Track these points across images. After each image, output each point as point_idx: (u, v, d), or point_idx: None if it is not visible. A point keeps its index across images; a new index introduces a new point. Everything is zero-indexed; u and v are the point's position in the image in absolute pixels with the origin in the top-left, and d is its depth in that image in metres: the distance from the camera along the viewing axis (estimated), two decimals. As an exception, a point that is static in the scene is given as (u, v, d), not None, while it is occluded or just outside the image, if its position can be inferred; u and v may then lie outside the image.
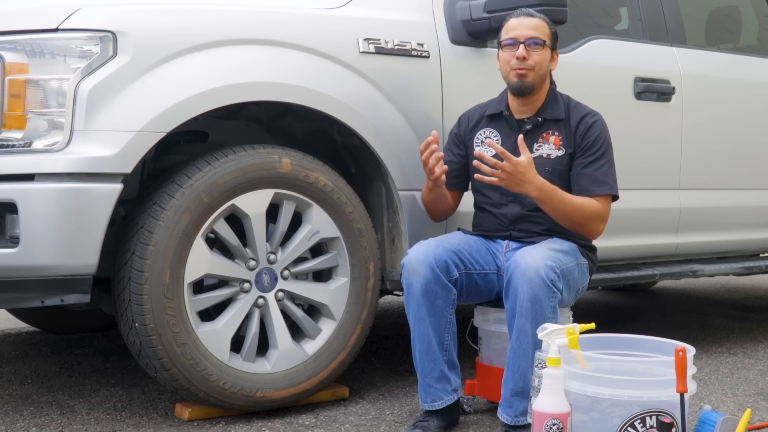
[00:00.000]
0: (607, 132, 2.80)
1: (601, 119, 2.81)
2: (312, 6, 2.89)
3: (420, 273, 2.59)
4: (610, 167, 2.77)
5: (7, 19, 2.51)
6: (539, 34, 2.74)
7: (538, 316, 2.47)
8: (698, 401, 2.99)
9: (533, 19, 2.76)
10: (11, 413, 2.84)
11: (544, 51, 2.74)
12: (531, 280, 2.48)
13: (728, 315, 4.90)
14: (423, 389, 2.67)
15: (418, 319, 2.62)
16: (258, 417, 2.78)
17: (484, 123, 2.87)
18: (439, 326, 2.63)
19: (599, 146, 2.76)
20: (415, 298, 2.61)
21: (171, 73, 2.53)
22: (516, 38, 2.73)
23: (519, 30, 2.74)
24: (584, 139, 2.76)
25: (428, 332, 2.62)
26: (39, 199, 2.37)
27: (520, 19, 2.77)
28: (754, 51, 4.17)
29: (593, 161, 2.75)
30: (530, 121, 2.80)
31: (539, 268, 2.48)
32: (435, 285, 2.60)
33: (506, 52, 2.76)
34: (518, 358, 2.52)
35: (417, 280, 2.59)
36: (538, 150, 2.78)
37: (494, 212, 2.82)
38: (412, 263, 2.61)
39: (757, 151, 3.92)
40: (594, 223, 2.73)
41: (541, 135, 2.80)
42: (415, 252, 2.63)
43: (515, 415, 2.54)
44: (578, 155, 2.77)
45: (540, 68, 2.74)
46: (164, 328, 2.55)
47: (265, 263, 2.75)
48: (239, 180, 2.64)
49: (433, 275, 2.59)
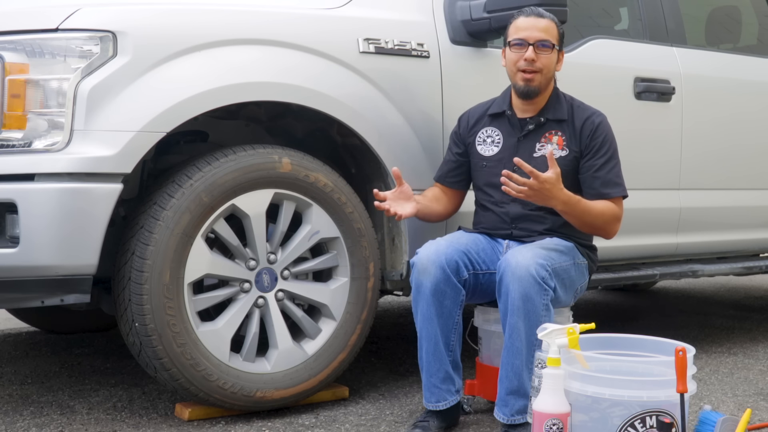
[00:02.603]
0: (612, 132, 2.81)
1: (606, 120, 2.81)
2: (312, 6, 2.89)
3: (431, 273, 2.58)
4: (618, 167, 2.79)
5: (7, 19, 2.51)
6: (548, 36, 2.73)
7: (531, 314, 2.47)
8: (698, 401, 2.99)
9: (543, 20, 2.75)
10: (11, 413, 2.84)
11: (552, 54, 2.74)
12: (521, 278, 2.48)
13: (728, 315, 4.90)
14: (428, 389, 2.66)
15: (426, 319, 2.62)
16: (258, 417, 2.78)
17: (486, 122, 2.87)
18: (446, 327, 2.63)
19: (608, 147, 2.76)
20: (424, 298, 2.60)
21: (171, 73, 2.53)
22: (525, 39, 2.72)
23: (529, 31, 2.73)
24: (592, 140, 2.76)
25: (436, 332, 2.62)
26: (39, 199, 2.37)
27: (530, 19, 2.75)
28: (754, 51, 4.17)
29: (605, 163, 2.75)
30: (533, 121, 2.80)
31: (529, 266, 2.49)
32: (445, 285, 2.60)
33: (514, 52, 2.75)
34: (512, 356, 2.52)
35: (427, 280, 2.59)
36: (540, 150, 2.78)
37: (496, 210, 2.82)
38: (423, 263, 2.60)
39: (757, 151, 3.92)
40: (612, 225, 2.76)
41: (544, 135, 2.79)
42: (425, 251, 2.62)
43: (511, 414, 2.54)
44: (587, 157, 2.76)
45: (548, 71, 2.74)
46: (164, 328, 2.55)
47: (265, 263, 2.74)
48: (239, 180, 2.64)
49: (443, 275, 2.59)
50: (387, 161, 2.88)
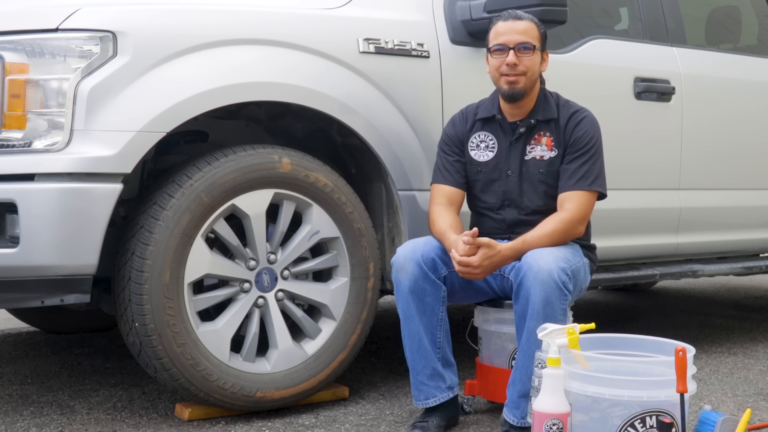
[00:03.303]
0: (596, 129, 2.76)
1: (590, 116, 2.77)
2: (312, 6, 2.89)
3: (407, 270, 2.59)
4: (594, 164, 2.72)
5: (7, 19, 2.51)
6: (529, 38, 2.69)
7: (549, 319, 2.46)
8: (698, 401, 2.99)
9: (522, 22, 2.71)
10: (11, 413, 2.84)
11: (534, 55, 2.70)
12: (544, 282, 2.46)
13: (728, 315, 4.90)
14: (415, 387, 2.67)
15: (407, 316, 2.62)
16: (258, 417, 2.78)
17: (478, 126, 2.83)
18: (430, 323, 2.63)
19: (586, 142, 2.72)
20: (403, 295, 2.61)
21: (171, 73, 2.53)
22: (505, 44, 2.69)
23: (508, 35, 2.70)
24: (572, 135, 2.73)
25: (418, 329, 2.62)
26: (39, 199, 2.37)
27: (509, 23, 2.71)
28: (754, 51, 4.17)
29: (577, 157, 2.71)
30: (523, 124, 2.77)
31: (552, 270, 2.47)
32: (423, 282, 2.60)
33: (495, 57, 2.72)
34: (527, 360, 2.51)
35: (405, 277, 2.60)
36: (531, 152, 2.76)
37: (492, 216, 2.81)
38: (400, 261, 2.61)
39: (757, 151, 3.92)
40: (572, 230, 2.68)
41: (534, 137, 2.78)
42: (403, 250, 2.64)
43: (522, 416, 2.53)
44: (567, 152, 2.74)
45: (531, 73, 2.70)
46: (164, 328, 2.55)
47: (265, 263, 2.75)
48: (239, 180, 2.64)
49: (420, 272, 2.59)
50: (387, 161, 2.88)
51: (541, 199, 2.75)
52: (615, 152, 3.31)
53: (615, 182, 3.29)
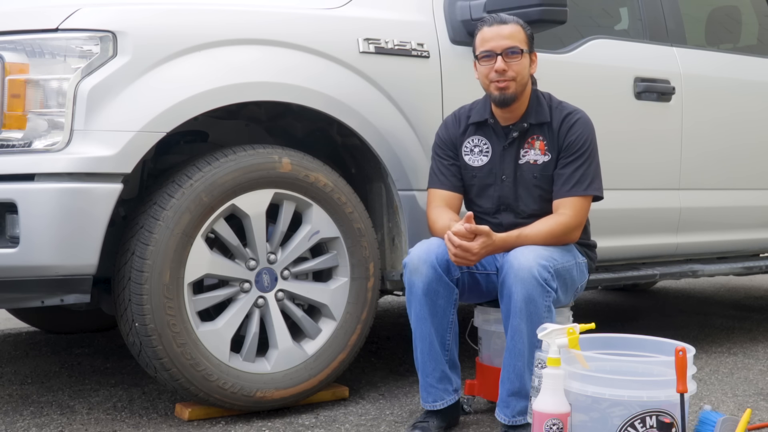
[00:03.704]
0: (590, 130, 2.74)
1: (583, 118, 2.75)
2: (312, 6, 2.89)
3: (422, 272, 2.58)
4: (589, 167, 2.71)
5: (7, 19, 2.51)
6: (516, 42, 2.66)
7: (533, 316, 2.47)
8: (698, 401, 2.99)
9: (507, 26, 2.68)
10: (11, 413, 2.84)
11: (522, 59, 2.67)
12: (524, 279, 2.47)
13: (728, 315, 4.90)
14: (424, 389, 2.66)
15: (420, 318, 2.61)
16: (258, 417, 2.78)
17: (471, 131, 2.81)
18: (441, 326, 2.63)
19: (580, 145, 2.70)
20: (417, 297, 2.60)
21: (171, 73, 2.53)
22: (492, 50, 2.66)
23: (494, 41, 2.67)
24: (566, 139, 2.71)
25: (430, 332, 2.61)
26: (39, 199, 2.37)
27: (494, 28, 2.68)
28: (754, 51, 4.17)
29: (572, 161, 2.70)
30: (516, 128, 2.75)
31: (532, 267, 2.48)
32: (437, 284, 2.59)
33: (484, 64, 2.69)
34: (514, 358, 2.52)
35: (419, 279, 2.58)
36: (524, 156, 2.75)
37: (489, 220, 2.80)
38: (414, 262, 2.59)
39: (757, 151, 3.92)
40: (568, 236, 2.69)
41: (527, 140, 2.76)
42: (417, 251, 2.61)
43: (512, 415, 2.53)
44: (561, 156, 2.72)
45: (521, 77, 2.68)
46: (164, 328, 2.55)
47: (265, 263, 2.75)
48: (239, 180, 2.64)
49: (435, 274, 2.58)
50: (387, 161, 2.88)
51: (536, 203, 2.75)
52: (615, 152, 3.31)
53: (615, 182, 3.30)
